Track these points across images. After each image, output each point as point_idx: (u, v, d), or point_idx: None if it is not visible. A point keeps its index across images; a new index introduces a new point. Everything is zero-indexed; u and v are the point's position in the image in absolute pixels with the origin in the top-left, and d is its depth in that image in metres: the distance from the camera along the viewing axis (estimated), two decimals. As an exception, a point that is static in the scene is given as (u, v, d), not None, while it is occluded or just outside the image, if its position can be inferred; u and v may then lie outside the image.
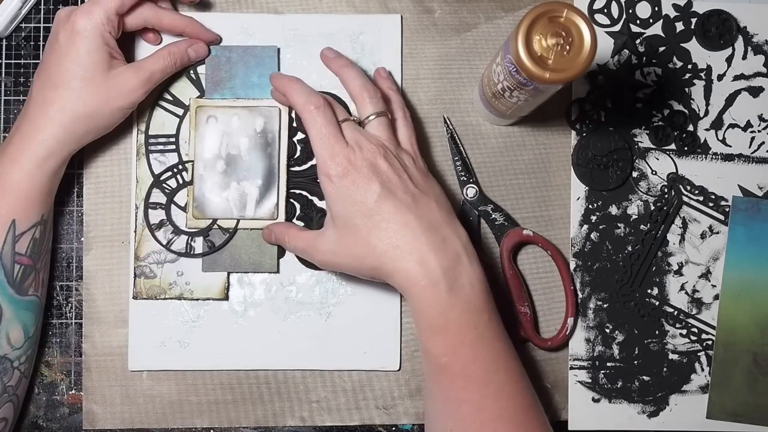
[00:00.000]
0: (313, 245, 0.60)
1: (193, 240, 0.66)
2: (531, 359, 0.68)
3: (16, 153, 0.59)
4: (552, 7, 0.53)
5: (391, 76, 0.66)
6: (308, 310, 0.67)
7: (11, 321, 0.60)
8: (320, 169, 0.58)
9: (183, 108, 0.67)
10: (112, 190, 0.67)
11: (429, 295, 0.55)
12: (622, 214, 0.69)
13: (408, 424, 0.68)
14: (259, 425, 0.67)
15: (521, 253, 0.69)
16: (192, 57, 0.65)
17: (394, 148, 0.59)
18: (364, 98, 0.60)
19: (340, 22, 0.68)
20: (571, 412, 0.68)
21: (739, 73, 0.70)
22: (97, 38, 0.59)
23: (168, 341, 0.66)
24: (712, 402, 0.68)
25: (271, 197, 0.66)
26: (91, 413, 0.66)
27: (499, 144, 0.69)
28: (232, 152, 0.66)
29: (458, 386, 0.56)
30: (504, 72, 0.57)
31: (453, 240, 0.57)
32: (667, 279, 0.69)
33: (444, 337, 0.56)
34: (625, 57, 0.69)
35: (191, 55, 0.65)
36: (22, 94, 0.68)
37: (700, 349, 0.68)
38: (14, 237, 0.60)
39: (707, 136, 0.69)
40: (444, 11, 0.69)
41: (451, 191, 0.68)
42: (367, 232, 0.56)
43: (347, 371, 0.67)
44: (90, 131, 0.61)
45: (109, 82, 0.60)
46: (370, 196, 0.56)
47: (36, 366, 0.66)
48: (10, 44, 0.68)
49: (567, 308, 0.67)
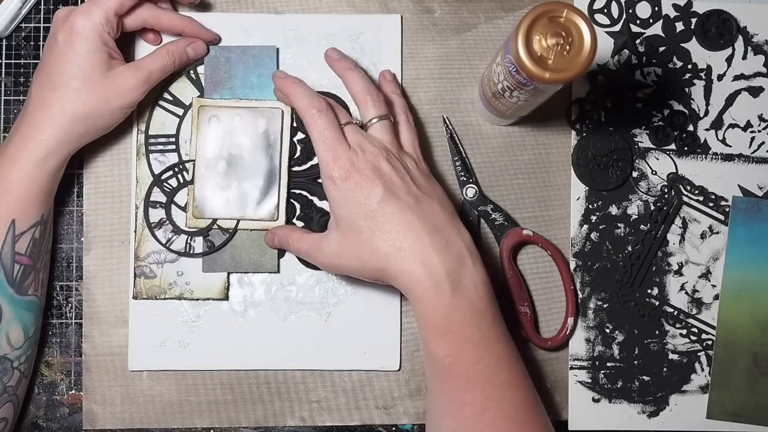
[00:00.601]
0: (316, 248, 0.60)
1: (193, 240, 0.66)
2: (531, 359, 0.68)
3: (16, 153, 0.59)
4: (552, 7, 0.53)
5: (395, 79, 0.66)
6: (308, 310, 0.67)
7: (11, 321, 0.60)
8: (323, 171, 0.58)
9: (183, 108, 0.67)
10: (112, 190, 0.67)
11: (433, 297, 0.55)
12: (622, 214, 0.69)
13: (408, 424, 0.68)
14: (259, 425, 0.67)
15: (521, 253, 0.69)
16: (191, 55, 0.65)
17: (397, 150, 0.60)
18: (367, 102, 0.61)
19: (340, 22, 0.68)
20: (571, 412, 0.68)
21: (739, 73, 0.70)
22: (96, 39, 0.59)
23: (168, 341, 0.66)
24: (712, 402, 0.68)
25: (272, 198, 0.66)
26: (91, 413, 0.66)
27: (499, 144, 0.69)
28: (233, 152, 0.66)
29: (461, 387, 0.56)
30: (504, 72, 0.57)
31: (456, 241, 0.57)
32: (667, 279, 0.69)
33: (448, 339, 0.56)
34: (625, 57, 0.69)
35: (190, 53, 0.65)
36: (22, 94, 0.68)
37: (700, 349, 0.68)
38: (14, 237, 0.60)
39: (707, 136, 0.69)
40: (444, 11, 0.69)
41: (451, 191, 0.68)
42: (370, 234, 0.56)
43: (347, 371, 0.67)
44: (89, 131, 0.61)
45: (107, 82, 0.60)
46: (373, 198, 0.56)
47: (36, 366, 0.66)
48: (10, 44, 0.68)
49: (567, 308, 0.67)
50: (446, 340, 0.56)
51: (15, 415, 0.64)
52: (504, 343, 0.57)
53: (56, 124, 0.59)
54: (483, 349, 0.56)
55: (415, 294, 0.56)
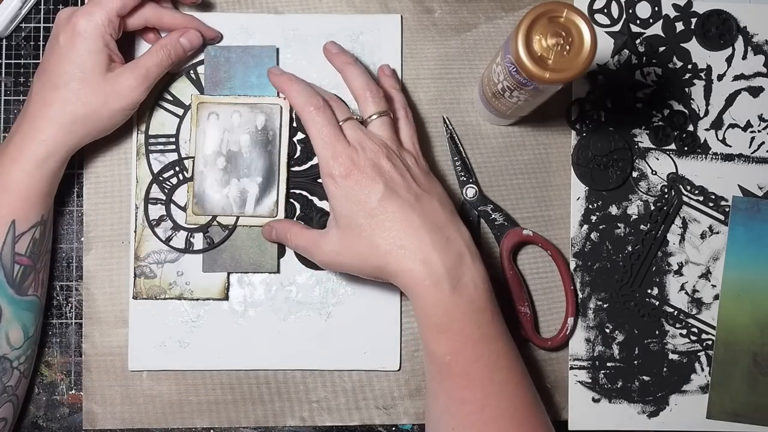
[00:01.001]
0: (315, 244, 0.60)
1: (193, 236, 0.66)
2: (531, 359, 0.68)
3: (16, 153, 0.59)
4: (552, 7, 0.53)
5: (394, 74, 0.66)
6: (308, 310, 0.67)
7: (11, 321, 0.60)
8: (323, 169, 0.58)
9: (183, 108, 0.67)
10: (112, 190, 0.67)
11: (433, 295, 0.55)
12: (622, 214, 0.69)
13: (408, 424, 0.68)
14: (259, 425, 0.67)
15: (521, 253, 0.69)
16: (185, 46, 0.64)
17: (397, 147, 0.59)
18: (366, 98, 0.60)
19: (340, 22, 0.68)
20: (571, 412, 0.68)
21: (739, 73, 0.70)
22: (98, 40, 0.59)
23: (168, 341, 0.66)
24: (712, 402, 0.68)
25: (271, 195, 0.66)
26: (91, 413, 0.66)
27: (499, 144, 0.69)
28: (232, 149, 0.66)
29: (461, 385, 0.56)
30: (504, 72, 0.57)
31: (456, 239, 0.57)
32: (667, 279, 0.69)
33: (447, 336, 0.56)
34: (625, 57, 0.69)
35: (184, 44, 0.64)
36: (22, 94, 0.68)
37: (700, 349, 0.68)
38: (14, 237, 0.60)
39: (707, 136, 0.69)
40: (444, 11, 0.69)
41: (451, 191, 0.68)
42: (370, 231, 0.56)
43: (347, 371, 0.67)
44: (89, 133, 0.61)
45: (107, 83, 0.60)
46: (374, 195, 0.56)
47: (36, 366, 0.66)
48: (10, 44, 0.68)
49: (567, 308, 0.67)
50: (446, 337, 0.56)
51: (15, 415, 0.64)
52: (504, 341, 0.57)
53: (56, 124, 0.59)
54: (483, 347, 0.56)
55: (415, 292, 0.56)
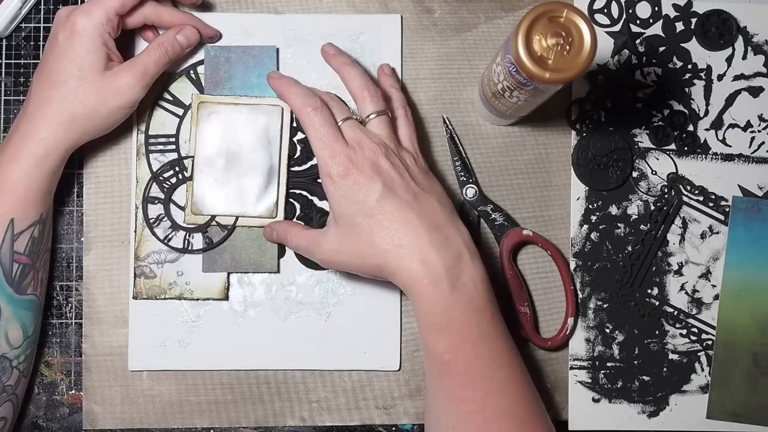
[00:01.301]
0: (315, 243, 0.60)
1: (191, 236, 0.66)
2: (531, 359, 0.68)
3: (15, 152, 0.59)
4: (552, 7, 0.53)
5: (394, 73, 0.66)
6: (308, 310, 0.67)
7: (10, 320, 0.60)
8: (321, 169, 0.58)
9: (183, 108, 0.67)
10: (112, 190, 0.67)
11: (432, 294, 0.55)
12: (622, 214, 0.69)
13: (408, 424, 0.68)
14: (259, 425, 0.67)
15: (521, 253, 0.69)
16: (182, 43, 0.64)
17: (395, 146, 0.60)
18: (364, 97, 0.61)
19: (340, 22, 0.68)
20: (571, 412, 0.68)
21: (739, 73, 0.70)
22: (96, 38, 0.59)
23: (168, 341, 0.66)
24: (712, 402, 0.68)
25: (271, 195, 0.66)
26: (91, 413, 0.66)
27: (499, 144, 0.69)
28: (232, 149, 0.66)
29: (460, 384, 0.56)
30: (504, 72, 0.57)
31: (455, 238, 0.57)
32: (667, 279, 0.69)
33: (447, 335, 0.56)
34: (625, 57, 0.69)
35: (181, 41, 0.63)
36: (22, 94, 0.68)
37: (700, 349, 0.68)
38: (12, 236, 0.60)
39: (707, 136, 0.69)
40: (444, 11, 0.69)
41: (451, 191, 0.68)
42: (369, 230, 0.56)
43: (347, 371, 0.67)
44: (88, 131, 0.61)
45: (105, 81, 0.60)
46: (372, 195, 0.56)
47: (36, 366, 0.66)
48: (10, 44, 0.68)
49: (567, 308, 0.67)
50: (445, 336, 0.56)
51: (14, 414, 0.63)
52: (503, 339, 0.57)
53: (54, 122, 0.59)
54: (482, 346, 0.56)
55: (414, 291, 0.56)
